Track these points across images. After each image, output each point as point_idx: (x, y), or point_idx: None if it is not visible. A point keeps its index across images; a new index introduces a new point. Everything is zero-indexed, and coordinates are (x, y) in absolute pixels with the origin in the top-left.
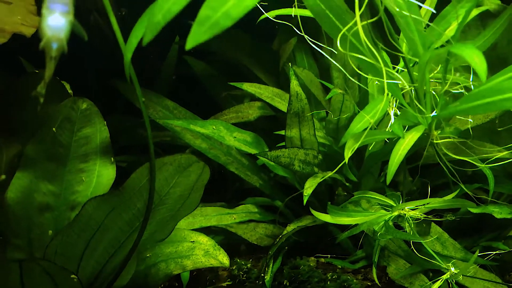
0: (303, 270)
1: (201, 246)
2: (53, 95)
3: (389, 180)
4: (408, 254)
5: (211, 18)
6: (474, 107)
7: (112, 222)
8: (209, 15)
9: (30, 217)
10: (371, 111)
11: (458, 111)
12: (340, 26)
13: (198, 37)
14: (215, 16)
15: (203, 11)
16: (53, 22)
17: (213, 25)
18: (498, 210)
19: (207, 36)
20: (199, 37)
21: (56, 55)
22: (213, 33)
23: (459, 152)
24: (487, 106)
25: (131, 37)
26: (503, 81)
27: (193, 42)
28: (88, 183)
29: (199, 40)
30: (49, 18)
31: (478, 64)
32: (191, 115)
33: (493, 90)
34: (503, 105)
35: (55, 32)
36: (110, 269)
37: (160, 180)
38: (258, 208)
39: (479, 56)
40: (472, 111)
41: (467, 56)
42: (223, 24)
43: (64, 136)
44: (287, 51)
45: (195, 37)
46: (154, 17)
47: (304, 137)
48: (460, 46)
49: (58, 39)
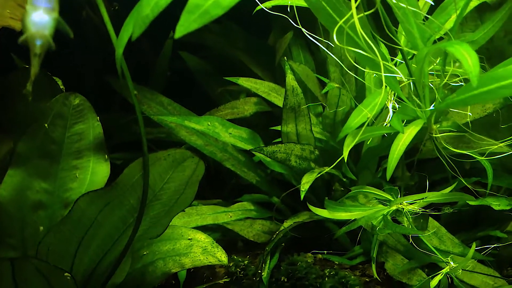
0: (300, 267)
1: (199, 244)
2: (45, 91)
3: (389, 176)
4: (408, 249)
5: (201, 6)
6: (472, 97)
7: (106, 219)
8: (199, 3)
9: (23, 216)
10: (369, 105)
11: (455, 103)
12: (336, 18)
13: (187, 25)
14: (205, 4)
15: None
16: (37, 19)
17: (203, 14)
18: (496, 202)
19: (197, 25)
20: (189, 26)
21: (41, 52)
22: (203, 22)
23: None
24: (485, 95)
25: (122, 32)
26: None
27: (182, 30)
28: (82, 180)
29: (189, 28)
30: (33, 14)
31: (471, 67)
32: (186, 111)
33: (490, 78)
34: (501, 93)
35: (39, 29)
36: (104, 267)
37: (154, 176)
38: (255, 205)
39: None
40: (470, 101)
41: (460, 56)
42: (214, 12)
43: (57, 132)
44: (283, 46)
45: (185, 25)
46: (142, 11)
47: (301, 132)
48: (454, 44)
49: (42, 36)
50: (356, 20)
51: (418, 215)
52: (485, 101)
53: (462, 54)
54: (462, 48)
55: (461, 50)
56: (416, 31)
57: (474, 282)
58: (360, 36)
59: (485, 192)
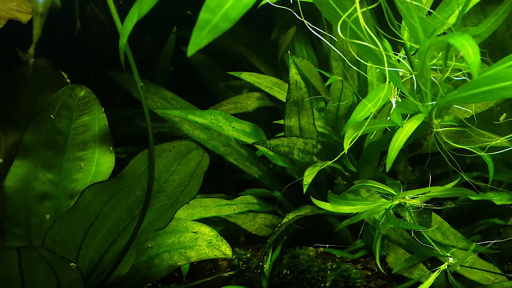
0: (302, 260)
1: (204, 237)
2: (51, 84)
3: (388, 168)
4: (410, 243)
5: (210, 21)
6: (472, 95)
7: (111, 210)
8: (209, 18)
9: (28, 206)
10: (373, 99)
11: (456, 100)
12: (340, 13)
13: (199, 42)
14: (214, 19)
15: (203, 14)
16: None
17: (213, 29)
18: (497, 197)
19: (207, 41)
20: (200, 42)
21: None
22: (213, 37)
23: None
24: (485, 95)
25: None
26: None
27: (194, 47)
28: (87, 171)
29: (200, 45)
30: None
31: (472, 58)
32: (189, 105)
33: (492, 78)
34: (501, 94)
35: None
36: (109, 258)
37: (159, 167)
38: (257, 199)
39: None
40: (470, 99)
41: (461, 47)
42: (223, 26)
43: (62, 123)
44: (286, 41)
45: (196, 42)
46: None
47: (303, 126)
48: (456, 36)
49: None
50: (360, 15)
51: (420, 210)
52: (485, 100)
53: (463, 45)
54: (464, 39)
55: (463, 41)
56: (419, 25)
57: (474, 277)
58: (364, 31)
59: (486, 187)
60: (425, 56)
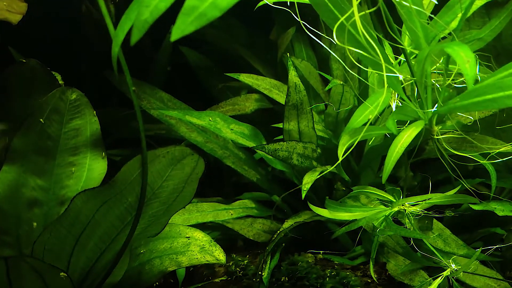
0: (301, 267)
1: (197, 242)
2: (43, 86)
3: (384, 179)
4: (407, 251)
5: (197, 8)
6: (475, 104)
7: (103, 217)
8: (196, 5)
9: (18, 213)
10: (372, 104)
11: (457, 107)
12: (338, 15)
13: (184, 28)
14: (202, 6)
15: (189, 0)
16: None
17: (199, 16)
18: (500, 207)
19: (194, 28)
20: (185, 28)
21: None
22: (200, 24)
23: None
24: (488, 103)
25: (118, 31)
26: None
27: (178, 33)
28: (78, 177)
29: (185, 31)
30: None
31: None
32: (186, 107)
33: (495, 86)
34: (504, 103)
35: None
36: (101, 266)
37: (152, 173)
38: (255, 204)
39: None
40: (472, 107)
41: (457, 58)
42: (211, 14)
43: (53, 128)
44: (285, 41)
45: (181, 28)
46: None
47: (303, 130)
48: (453, 46)
49: None
50: (357, 18)
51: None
52: (488, 109)
53: (460, 56)
54: (461, 50)
55: (459, 51)
56: (420, 30)
57: (476, 283)
58: (361, 34)
59: (489, 194)
60: (424, 64)
